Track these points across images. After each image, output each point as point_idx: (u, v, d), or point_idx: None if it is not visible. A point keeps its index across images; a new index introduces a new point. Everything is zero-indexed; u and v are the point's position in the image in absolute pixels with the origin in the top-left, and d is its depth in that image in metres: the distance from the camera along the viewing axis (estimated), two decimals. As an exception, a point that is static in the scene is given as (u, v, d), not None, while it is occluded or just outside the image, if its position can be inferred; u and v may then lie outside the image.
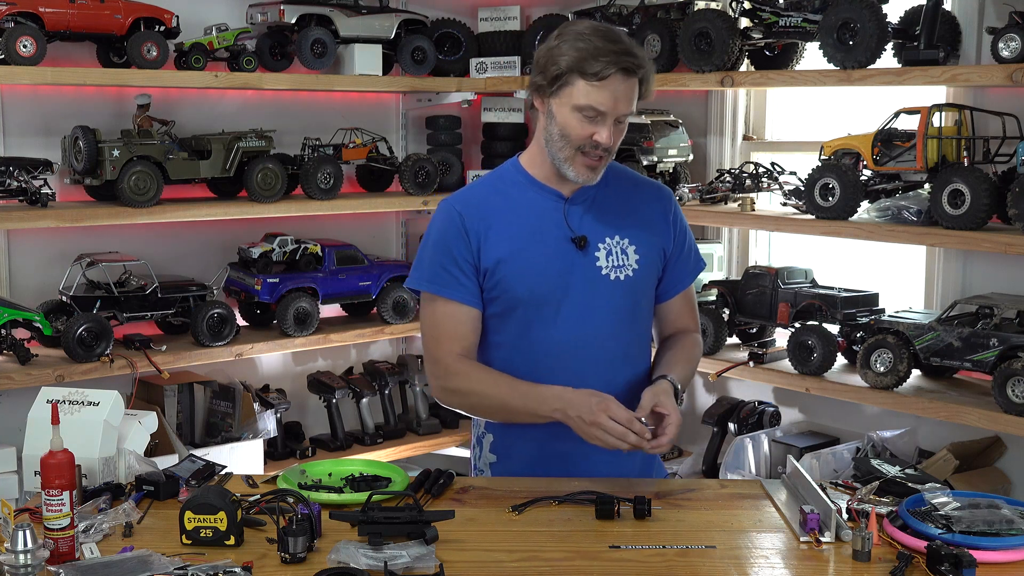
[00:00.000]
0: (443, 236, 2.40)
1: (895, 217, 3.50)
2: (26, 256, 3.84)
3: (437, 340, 2.42)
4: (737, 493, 2.33)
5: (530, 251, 2.38)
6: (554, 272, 2.37)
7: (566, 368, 2.38)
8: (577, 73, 2.25)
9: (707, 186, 4.12)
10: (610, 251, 2.40)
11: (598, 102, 2.26)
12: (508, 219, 2.39)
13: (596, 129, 2.28)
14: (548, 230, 2.39)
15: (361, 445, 4.30)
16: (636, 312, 2.46)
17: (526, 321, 2.40)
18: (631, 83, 2.27)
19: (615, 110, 2.27)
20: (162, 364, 3.70)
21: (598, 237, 2.40)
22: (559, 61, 2.27)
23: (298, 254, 4.13)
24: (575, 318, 2.39)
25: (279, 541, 1.92)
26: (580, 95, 2.26)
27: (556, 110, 2.31)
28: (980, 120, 3.44)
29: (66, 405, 2.30)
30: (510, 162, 2.49)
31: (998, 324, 3.26)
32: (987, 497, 2.11)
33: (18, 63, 3.40)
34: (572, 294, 2.38)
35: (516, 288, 2.38)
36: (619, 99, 2.27)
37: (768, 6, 3.77)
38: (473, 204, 2.42)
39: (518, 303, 2.39)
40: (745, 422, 3.97)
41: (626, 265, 2.41)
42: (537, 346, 2.40)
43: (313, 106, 4.42)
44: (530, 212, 2.40)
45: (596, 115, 2.27)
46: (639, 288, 2.44)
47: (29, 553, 1.76)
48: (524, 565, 1.94)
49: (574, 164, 2.33)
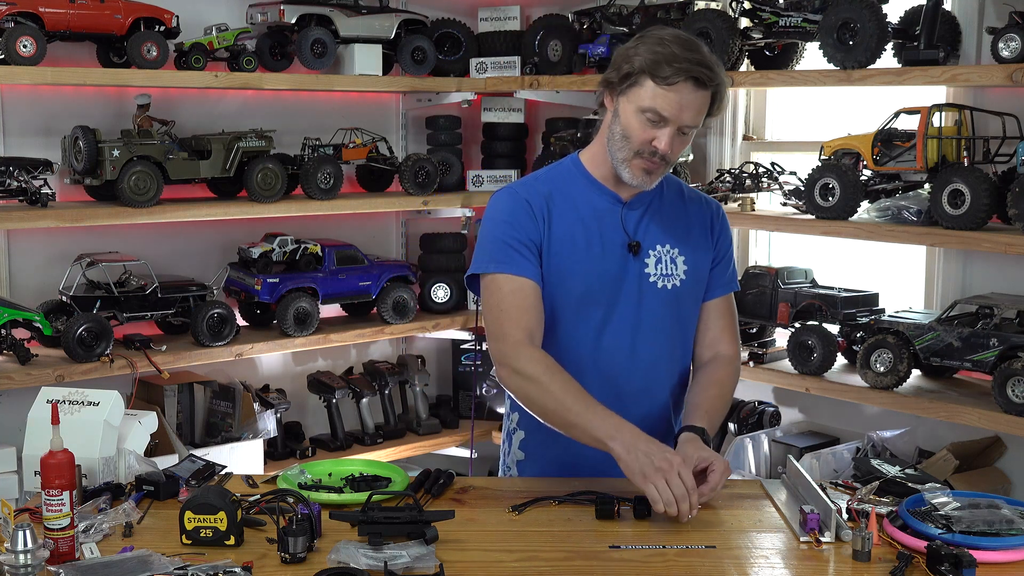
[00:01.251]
0: (512, 215, 2.36)
1: (895, 217, 3.50)
2: (26, 256, 3.84)
3: (505, 317, 2.33)
4: (737, 493, 2.32)
5: (587, 248, 2.37)
6: (607, 274, 2.37)
7: (602, 370, 2.38)
8: (648, 74, 2.24)
9: (707, 186, 4.12)
10: (660, 259, 2.40)
11: (663, 107, 2.24)
12: (569, 212, 2.38)
13: (657, 134, 2.27)
14: (605, 231, 2.39)
15: (361, 445, 4.30)
16: (679, 322, 2.45)
17: (571, 323, 2.38)
18: (701, 95, 2.26)
19: (679, 118, 2.25)
20: (162, 364, 3.70)
21: (650, 244, 2.40)
22: (633, 60, 2.26)
23: (298, 254, 4.13)
24: (621, 322, 2.38)
25: (279, 541, 1.92)
26: (647, 97, 2.25)
27: (622, 109, 2.30)
28: (980, 120, 3.44)
29: (66, 405, 2.30)
30: (570, 158, 2.48)
31: (998, 324, 3.26)
32: (987, 497, 2.11)
33: (18, 63, 3.40)
34: (621, 299, 2.38)
35: (569, 282, 2.37)
36: (684, 107, 2.24)
37: (768, 6, 3.77)
38: (536, 191, 2.40)
39: (568, 298, 2.37)
40: (745, 422, 3.97)
41: (674, 274, 2.41)
42: (583, 351, 2.38)
43: (313, 106, 4.42)
44: (589, 210, 2.39)
45: (659, 120, 2.25)
46: (684, 298, 2.43)
47: (29, 553, 1.76)
48: (524, 565, 1.94)
49: (631, 166, 2.31)
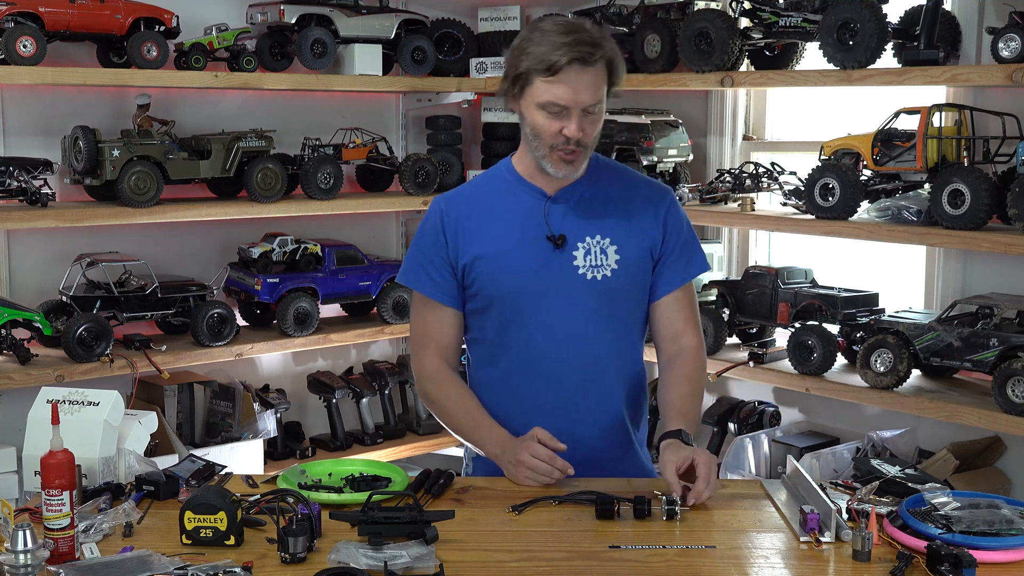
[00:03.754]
0: (423, 234, 2.47)
1: (895, 217, 3.50)
2: (26, 256, 3.84)
3: (417, 338, 2.52)
4: (737, 493, 2.32)
5: (508, 249, 2.40)
6: (530, 271, 2.39)
7: (544, 366, 2.42)
8: (534, 72, 2.26)
9: (707, 186, 4.12)
10: (588, 250, 2.40)
11: (559, 97, 2.26)
12: (491, 217, 2.43)
13: (563, 123, 2.28)
14: (528, 228, 2.40)
15: (361, 445, 4.30)
16: (615, 312, 2.44)
17: (504, 318, 2.43)
18: (592, 72, 2.26)
19: (578, 102, 2.26)
20: (162, 364, 3.70)
21: (578, 236, 2.40)
22: (518, 63, 2.29)
23: (298, 254, 4.13)
24: (551, 317, 2.40)
25: (279, 541, 1.92)
26: (541, 93, 2.27)
27: (524, 110, 2.33)
28: (980, 120, 3.44)
29: (66, 405, 2.30)
30: (503, 161, 2.52)
31: (998, 324, 3.26)
32: (987, 497, 2.11)
33: (18, 63, 3.40)
34: (548, 293, 2.39)
35: (492, 285, 2.41)
36: (580, 90, 2.25)
37: (768, 6, 3.76)
38: (457, 202, 2.47)
39: (494, 300, 2.42)
40: (745, 422, 3.97)
41: (604, 265, 2.40)
42: (515, 344, 2.43)
43: (313, 106, 4.42)
44: (513, 210, 2.43)
45: (560, 110, 2.27)
46: (618, 288, 2.42)
47: (29, 553, 1.76)
48: (524, 565, 1.94)
49: (551, 160, 2.34)
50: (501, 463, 2.36)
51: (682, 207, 2.56)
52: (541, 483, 2.29)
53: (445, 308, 2.46)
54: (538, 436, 2.31)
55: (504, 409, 2.44)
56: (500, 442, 2.37)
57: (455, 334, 2.49)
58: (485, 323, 2.46)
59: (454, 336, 2.49)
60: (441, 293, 2.45)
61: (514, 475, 2.32)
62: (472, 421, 2.43)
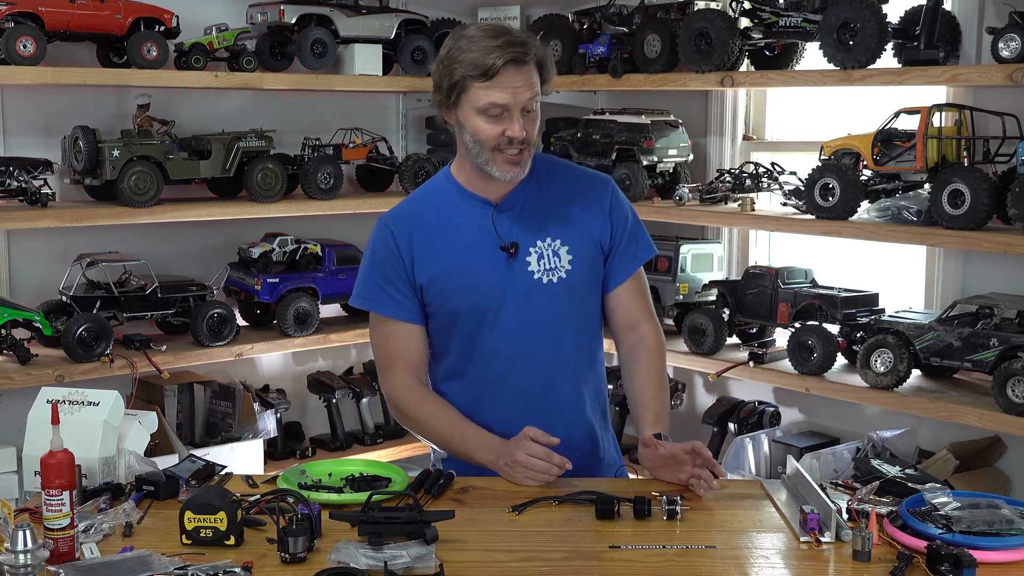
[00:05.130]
0: (375, 255, 2.46)
1: (895, 217, 3.50)
2: (26, 256, 3.84)
3: (384, 362, 2.49)
4: (737, 493, 2.32)
5: (463, 264, 2.40)
6: (488, 283, 2.39)
7: (514, 375, 2.43)
8: (469, 78, 2.27)
9: (707, 186, 4.12)
10: (541, 254, 2.40)
11: (498, 98, 2.28)
12: (439, 233, 2.42)
13: (505, 125, 2.30)
14: (479, 240, 2.40)
15: (361, 445, 4.30)
16: (579, 312, 2.46)
17: (468, 333, 2.42)
18: (526, 71, 2.28)
19: (517, 101, 2.28)
20: (162, 364, 3.70)
21: (529, 242, 2.41)
22: (452, 72, 2.29)
23: (298, 254, 4.13)
24: (515, 326, 2.40)
25: (279, 541, 1.92)
26: (479, 97, 2.28)
27: (463, 118, 2.33)
28: (980, 120, 3.44)
29: (66, 405, 2.30)
30: (442, 172, 2.51)
31: (998, 324, 3.26)
32: (987, 497, 2.11)
33: (18, 63, 3.40)
34: (508, 302, 2.40)
35: (452, 302, 2.41)
36: (518, 89, 2.28)
37: (768, 6, 3.76)
38: (404, 220, 2.45)
39: (457, 316, 2.42)
40: (745, 422, 3.97)
41: (558, 267, 2.41)
42: (483, 356, 2.43)
43: (313, 106, 4.42)
44: (461, 224, 2.42)
45: (500, 111, 2.29)
46: (576, 288, 2.43)
47: (29, 553, 1.76)
48: (524, 565, 1.94)
49: (496, 164, 2.34)
50: (497, 467, 2.34)
51: (623, 193, 2.55)
52: (540, 481, 2.28)
53: (410, 326, 2.45)
54: (530, 435, 2.30)
55: (475, 417, 2.44)
56: (492, 447, 2.36)
57: (422, 350, 2.48)
58: (450, 338, 2.45)
59: (421, 352, 2.47)
60: (404, 312, 2.44)
61: (512, 476, 2.31)
62: (459, 432, 2.40)
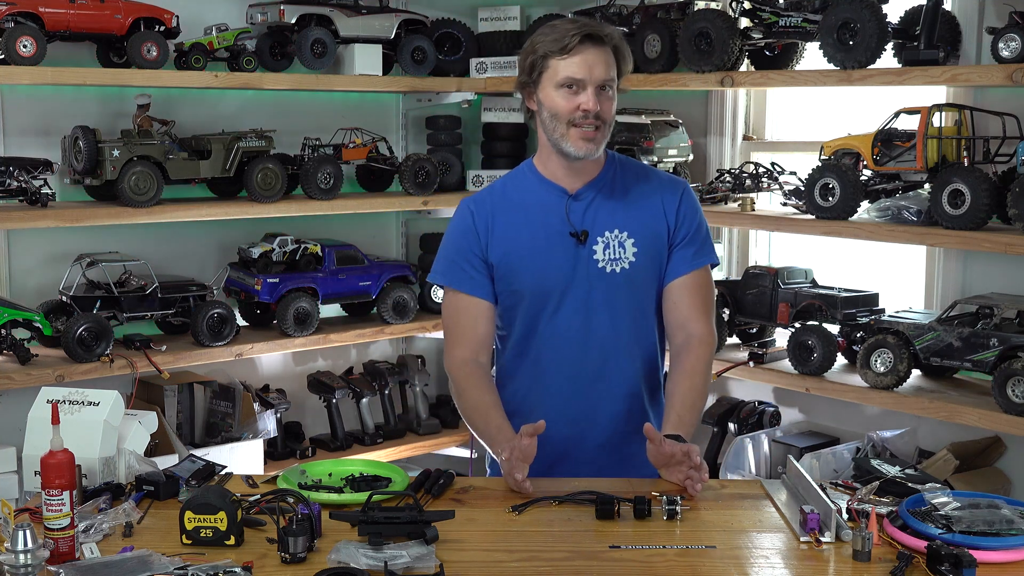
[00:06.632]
0: (454, 233, 2.58)
1: (895, 217, 3.50)
2: (26, 256, 3.84)
3: (450, 333, 2.60)
4: (737, 493, 2.33)
5: (533, 246, 2.50)
6: (555, 267, 2.49)
7: (570, 359, 2.52)
8: (550, 55, 2.41)
9: (707, 186, 4.12)
10: (608, 244, 2.50)
11: (575, 72, 2.39)
12: (516, 216, 2.53)
13: (580, 99, 2.40)
14: (552, 225, 2.51)
15: (361, 445, 4.30)
16: (636, 304, 2.54)
17: (532, 315, 2.52)
18: (602, 51, 2.41)
19: (593, 77, 2.40)
20: (162, 364, 3.70)
21: (598, 231, 2.50)
22: (535, 51, 2.44)
23: (298, 254, 4.13)
24: (575, 311, 2.50)
25: (279, 541, 1.92)
26: (558, 72, 2.42)
27: (543, 97, 2.45)
28: (980, 120, 3.44)
29: (66, 405, 2.30)
30: (525, 163, 2.63)
31: (998, 324, 3.26)
32: (987, 497, 2.11)
33: (18, 63, 3.40)
34: (573, 288, 2.50)
35: (520, 282, 2.51)
36: (593, 65, 2.40)
37: (768, 6, 3.76)
38: (485, 202, 2.57)
39: (523, 297, 2.52)
40: (745, 422, 3.97)
41: (622, 258, 2.50)
42: (542, 337, 2.53)
43: (313, 106, 4.42)
44: (536, 209, 2.53)
45: (576, 85, 2.40)
46: (636, 280, 2.52)
47: (29, 553, 1.76)
48: (524, 565, 1.94)
49: (571, 139, 2.44)
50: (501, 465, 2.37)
51: (698, 200, 2.63)
52: None
53: (480, 302, 2.54)
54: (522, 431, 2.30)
55: (533, 396, 2.55)
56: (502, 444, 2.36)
57: (487, 328, 2.57)
58: (514, 320, 2.55)
59: (486, 330, 2.56)
60: (476, 287, 2.53)
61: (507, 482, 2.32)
62: (485, 421, 2.48)
